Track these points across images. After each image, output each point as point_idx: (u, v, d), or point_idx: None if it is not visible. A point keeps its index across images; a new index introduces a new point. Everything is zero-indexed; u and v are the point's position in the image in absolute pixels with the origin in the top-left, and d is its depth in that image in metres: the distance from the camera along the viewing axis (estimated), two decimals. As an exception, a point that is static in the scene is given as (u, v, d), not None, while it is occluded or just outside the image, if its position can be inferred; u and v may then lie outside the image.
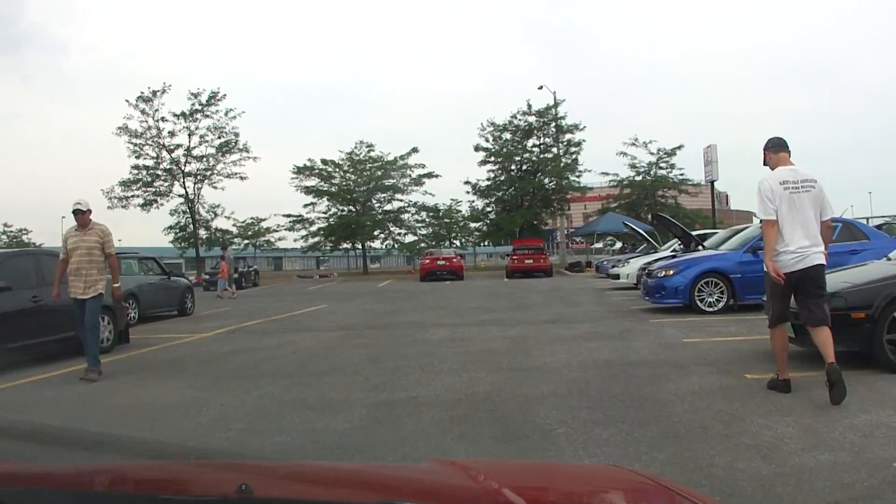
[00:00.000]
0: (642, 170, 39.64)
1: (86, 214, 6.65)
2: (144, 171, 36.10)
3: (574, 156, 37.41)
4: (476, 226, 40.67)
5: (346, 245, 41.16)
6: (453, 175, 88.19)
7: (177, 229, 37.59)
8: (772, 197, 4.59)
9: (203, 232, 37.94)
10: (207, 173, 36.98)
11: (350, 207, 39.47)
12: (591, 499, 1.22)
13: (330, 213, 39.70)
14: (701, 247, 13.00)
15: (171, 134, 36.07)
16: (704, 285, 10.02)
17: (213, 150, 36.85)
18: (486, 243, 43.25)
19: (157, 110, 35.30)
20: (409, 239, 40.89)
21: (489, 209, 39.65)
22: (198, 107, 35.95)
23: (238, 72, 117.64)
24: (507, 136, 37.73)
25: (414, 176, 39.15)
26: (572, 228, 44.90)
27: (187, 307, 14.79)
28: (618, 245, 38.56)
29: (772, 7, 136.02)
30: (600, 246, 43.79)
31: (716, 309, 9.92)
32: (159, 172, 36.35)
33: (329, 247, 41.38)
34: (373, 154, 39.69)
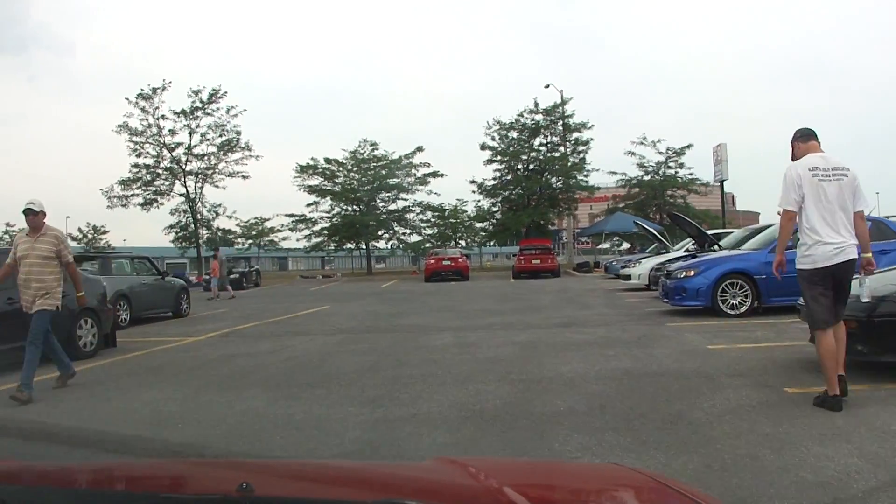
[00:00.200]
0: (651, 169, 38.97)
1: (38, 216, 5.89)
2: (145, 170, 35.63)
3: (582, 155, 36.85)
4: (482, 226, 40.18)
5: (350, 245, 40.60)
6: (458, 175, 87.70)
7: (177, 229, 37.07)
8: (799, 183, 4.26)
9: (205, 231, 37.37)
10: (209, 172, 36.47)
11: (354, 207, 38.84)
12: (594, 497, 1.20)
13: (333, 212, 39.13)
14: (717, 246, 12.47)
15: (171, 132, 35.63)
16: (728, 287, 9.42)
17: (214, 149, 36.36)
18: (492, 243, 42.65)
19: (157, 108, 34.84)
20: (414, 239, 40.38)
21: (495, 209, 39.04)
22: (198, 104, 35.45)
23: (243, 72, 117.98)
24: (514, 134, 37.08)
25: (419, 175, 38.60)
26: (578, 229, 44.21)
27: (182, 308, 14.26)
28: (625, 245, 38.02)
29: (772, 7, 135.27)
30: (607, 246, 43.22)
31: (739, 312, 9.33)
32: (160, 171, 35.88)
33: (333, 247, 40.78)
34: (377, 153, 39.19)
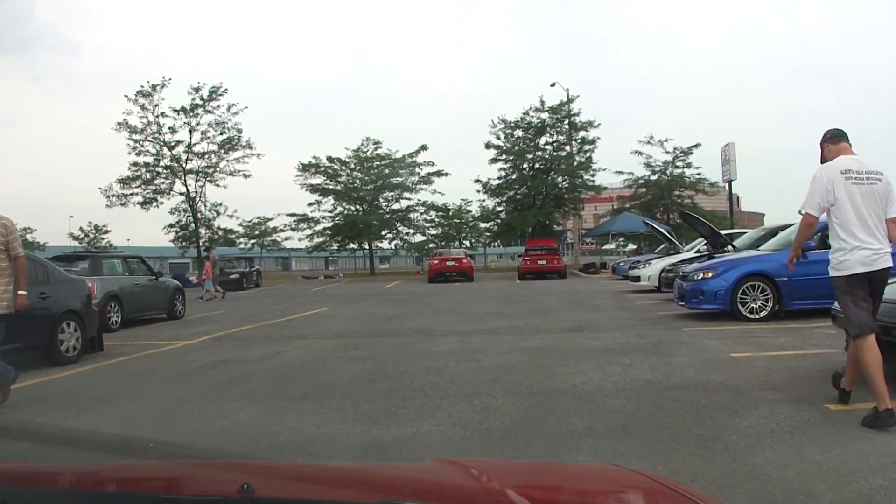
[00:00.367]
0: (658, 169, 38.37)
1: None
2: (144, 168, 35.11)
3: (588, 154, 36.27)
4: (486, 226, 39.62)
5: (352, 245, 40.09)
6: (463, 175, 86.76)
7: (177, 228, 36.59)
8: (830, 188, 4.02)
9: (205, 231, 36.87)
10: (209, 170, 35.92)
11: (357, 206, 38.29)
12: (594, 498, 1.19)
13: (336, 211, 38.59)
14: (731, 247, 11.97)
15: (171, 130, 35.03)
16: (748, 289, 8.90)
17: (214, 147, 35.78)
18: (497, 244, 42.09)
19: (156, 105, 34.27)
20: (418, 239, 39.83)
21: (500, 209, 38.48)
22: (199, 101, 34.89)
23: (244, 71, 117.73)
24: (520, 133, 36.49)
25: (423, 174, 38.05)
26: (583, 230, 43.66)
27: (177, 309, 13.77)
28: (630, 246, 37.45)
29: (775, 7, 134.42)
30: (612, 247, 42.65)
31: (759, 316, 8.82)
32: (160, 170, 35.33)
33: (335, 247, 40.27)
34: (380, 151, 38.57)
